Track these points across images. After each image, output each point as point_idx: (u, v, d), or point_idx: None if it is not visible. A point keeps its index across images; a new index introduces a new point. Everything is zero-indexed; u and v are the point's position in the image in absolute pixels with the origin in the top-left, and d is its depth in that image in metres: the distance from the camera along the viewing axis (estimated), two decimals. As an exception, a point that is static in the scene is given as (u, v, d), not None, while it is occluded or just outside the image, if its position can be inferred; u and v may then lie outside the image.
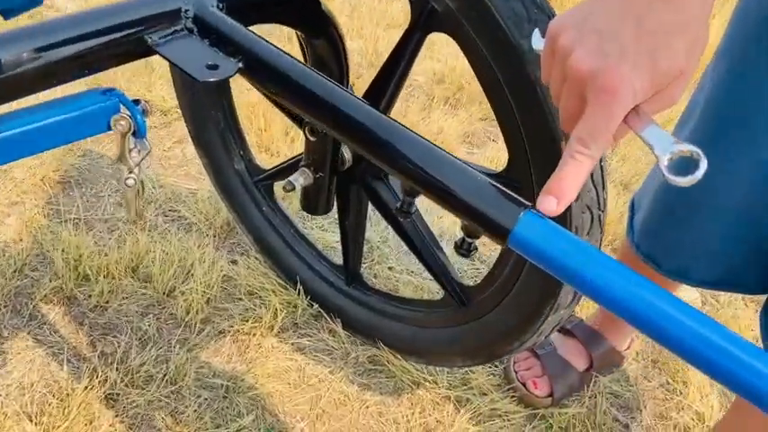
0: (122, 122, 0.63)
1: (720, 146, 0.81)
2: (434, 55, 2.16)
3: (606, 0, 0.44)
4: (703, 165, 0.45)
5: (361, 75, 2.00)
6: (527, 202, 0.51)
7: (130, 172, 0.66)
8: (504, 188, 0.53)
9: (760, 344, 0.84)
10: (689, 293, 1.44)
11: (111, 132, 0.65)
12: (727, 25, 0.82)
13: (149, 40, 0.62)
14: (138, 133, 0.64)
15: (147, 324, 1.21)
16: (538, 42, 0.53)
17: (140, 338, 1.19)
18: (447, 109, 1.91)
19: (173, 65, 0.60)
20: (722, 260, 0.88)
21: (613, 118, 0.44)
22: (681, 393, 1.24)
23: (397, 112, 1.85)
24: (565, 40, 0.46)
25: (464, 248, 0.57)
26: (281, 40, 2.06)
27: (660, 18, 0.43)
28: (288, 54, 0.63)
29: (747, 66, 0.77)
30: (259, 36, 0.64)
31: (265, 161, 1.60)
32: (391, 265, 1.41)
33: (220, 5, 0.66)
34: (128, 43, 0.62)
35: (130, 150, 0.66)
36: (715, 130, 0.82)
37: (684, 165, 0.46)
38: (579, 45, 0.45)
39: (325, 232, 1.46)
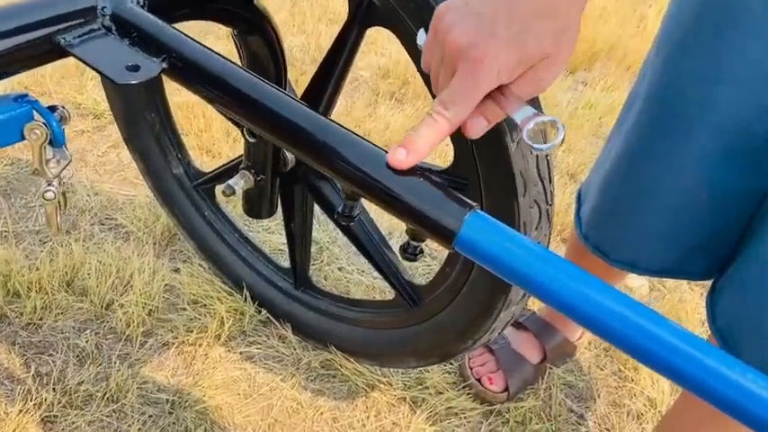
0: (37, 131, 0.58)
1: (661, 138, 0.81)
2: (378, 50, 2.13)
3: None
4: (561, 133, 0.49)
5: (305, 71, 1.96)
6: (472, 203, 0.49)
7: (49, 184, 0.61)
8: (448, 188, 0.50)
9: (707, 327, 0.84)
10: (636, 279, 1.46)
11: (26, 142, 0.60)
12: (664, 14, 0.82)
13: (62, 41, 0.57)
14: (56, 142, 0.59)
15: (85, 340, 1.14)
16: (422, 39, 0.56)
17: (78, 356, 1.13)
18: (393, 104, 1.89)
19: (89, 67, 0.56)
20: (668, 250, 0.88)
21: (475, 85, 0.48)
22: (632, 380, 1.25)
23: (342, 108, 1.81)
24: (447, 21, 0.50)
25: (410, 252, 0.54)
26: (221, 37, 2.00)
27: (529, 5, 0.47)
28: (216, 53, 0.59)
29: (684, 55, 0.77)
30: (184, 34, 0.60)
31: (207, 164, 1.55)
32: (342, 265, 1.38)
33: (141, 2, 0.61)
34: (38, 45, 0.57)
35: (48, 161, 0.61)
36: (655, 122, 0.82)
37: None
38: (458, 24, 0.49)
39: (271, 234, 1.41)
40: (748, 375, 0.40)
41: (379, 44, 2.13)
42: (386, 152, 0.53)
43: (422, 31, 0.58)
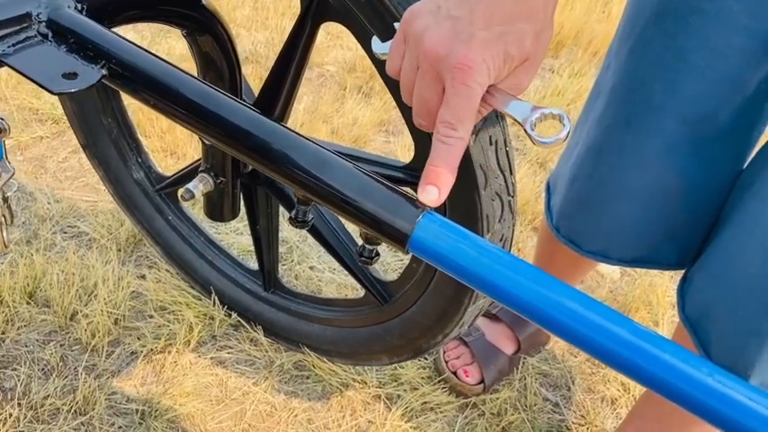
0: (-27, 145, 0.56)
1: (628, 129, 0.81)
2: (344, 43, 2.11)
3: None
4: (567, 124, 0.47)
5: (270, 67, 1.93)
6: (426, 204, 0.48)
7: (-9, 199, 0.59)
8: (400, 190, 0.49)
9: (677, 311, 0.85)
10: (607, 266, 1.47)
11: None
12: (626, 6, 0.82)
13: (-5, 51, 0.55)
14: (-6, 156, 0.56)
15: (50, 353, 1.11)
16: (380, 47, 0.54)
17: (43, 369, 1.10)
18: (360, 98, 1.87)
19: (24, 77, 0.53)
20: (639, 239, 0.88)
21: (473, 95, 0.45)
22: (606, 366, 1.25)
23: (309, 103, 1.79)
24: (419, 26, 0.47)
25: (365, 256, 0.53)
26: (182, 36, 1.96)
27: (507, 8, 0.46)
28: (160, 57, 0.57)
29: (648, 47, 0.77)
30: (125, 39, 0.58)
31: (171, 166, 1.52)
32: (312, 264, 1.36)
33: (79, 6, 0.59)
34: (-31, 55, 0.54)
35: (-12, 175, 0.58)
36: (622, 113, 0.81)
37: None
38: (432, 29, 0.46)
39: (240, 236, 1.39)
40: (704, 369, 0.40)
41: (345, 38, 2.11)
42: (335, 154, 0.52)
43: (375, 38, 0.56)
